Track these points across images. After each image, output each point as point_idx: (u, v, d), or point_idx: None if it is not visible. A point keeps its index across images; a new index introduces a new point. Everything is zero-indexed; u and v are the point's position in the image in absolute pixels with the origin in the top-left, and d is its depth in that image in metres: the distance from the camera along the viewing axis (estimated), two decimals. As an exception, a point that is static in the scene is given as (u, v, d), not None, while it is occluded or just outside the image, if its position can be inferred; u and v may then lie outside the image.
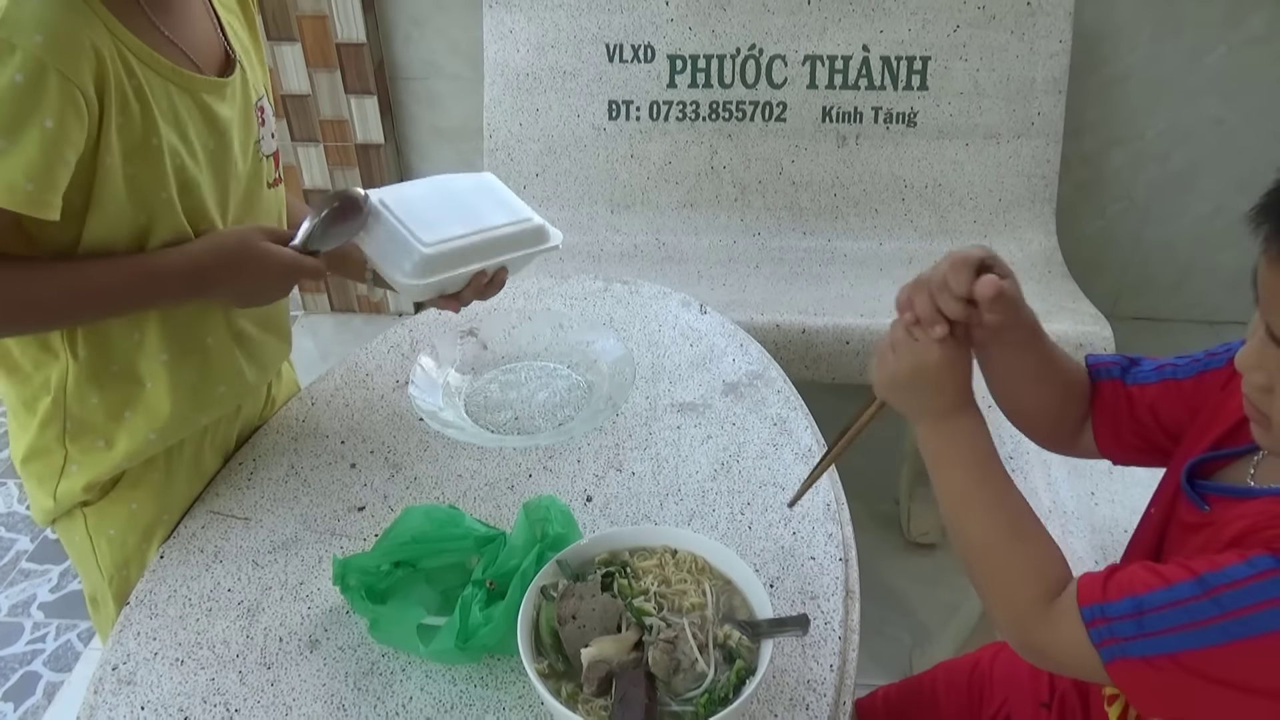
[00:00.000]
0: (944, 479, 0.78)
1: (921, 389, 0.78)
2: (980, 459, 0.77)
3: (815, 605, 0.94)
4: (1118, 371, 0.86)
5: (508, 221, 1.07)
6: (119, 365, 0.97)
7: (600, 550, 0.89)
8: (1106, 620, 0.66)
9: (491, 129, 2.09)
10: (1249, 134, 2.32)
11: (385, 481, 1.09)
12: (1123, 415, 0.86)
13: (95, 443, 0.98)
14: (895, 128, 2.00)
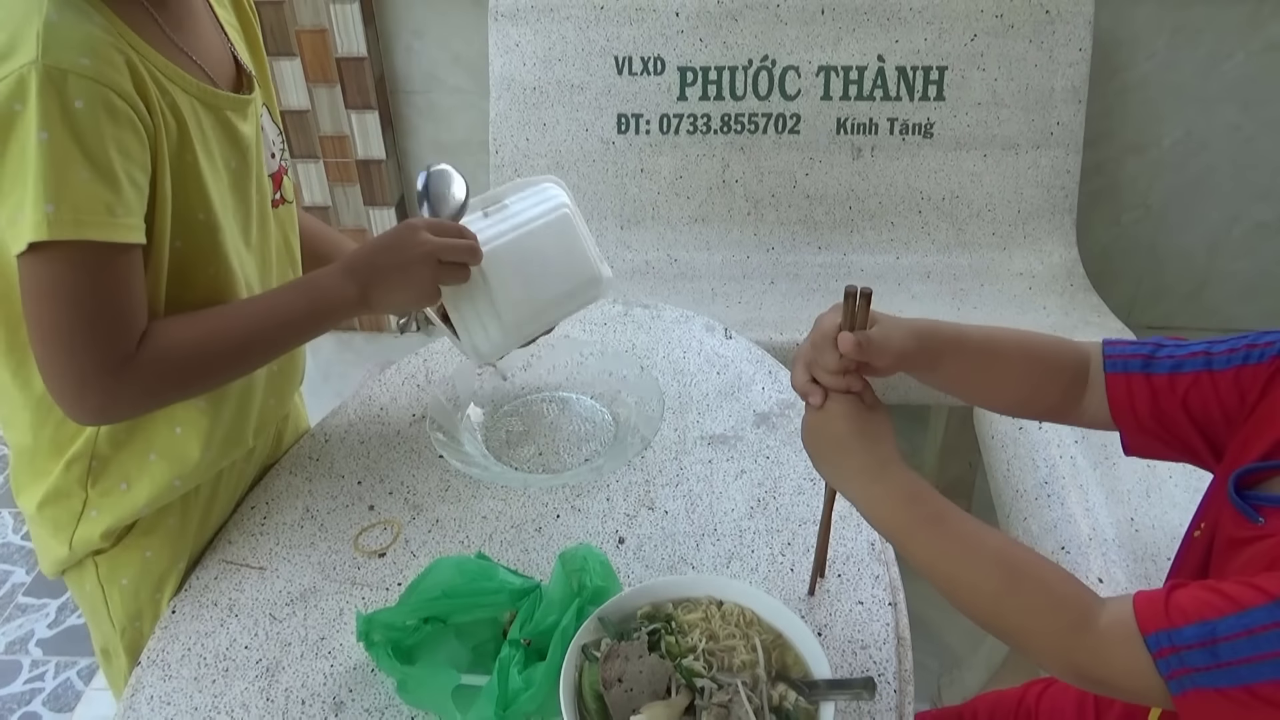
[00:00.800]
0: (909, 549, 0.74)
1: (836, 455, 0.79)
2: (933, 513, 0.73)
3: (866, 655, 0.89)
4: (1138, 365, 0.80)
5: (581, 280, 1.07)
6: (128, 432, 0.93)
7: (642, 603, 0.84)
8: (1175, 649, 0.61)
9: (498, 144, 2.04)
10: (1267, 141, 2.28)
11: (406, 525, 1.04)
12: (1145, 410, 0.80)
13: (117, 485, 0.93)
14: (911, 139, 1.96)
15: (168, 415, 0.93)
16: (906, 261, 1.98)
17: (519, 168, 2.03)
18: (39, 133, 0.73)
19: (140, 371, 0.82)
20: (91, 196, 0.75)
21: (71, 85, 0.74)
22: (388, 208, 2.40)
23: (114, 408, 0.85)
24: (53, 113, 0.73)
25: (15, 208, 0.75)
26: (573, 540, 1.01)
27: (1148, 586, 1.22)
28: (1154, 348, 0.81)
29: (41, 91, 0.73)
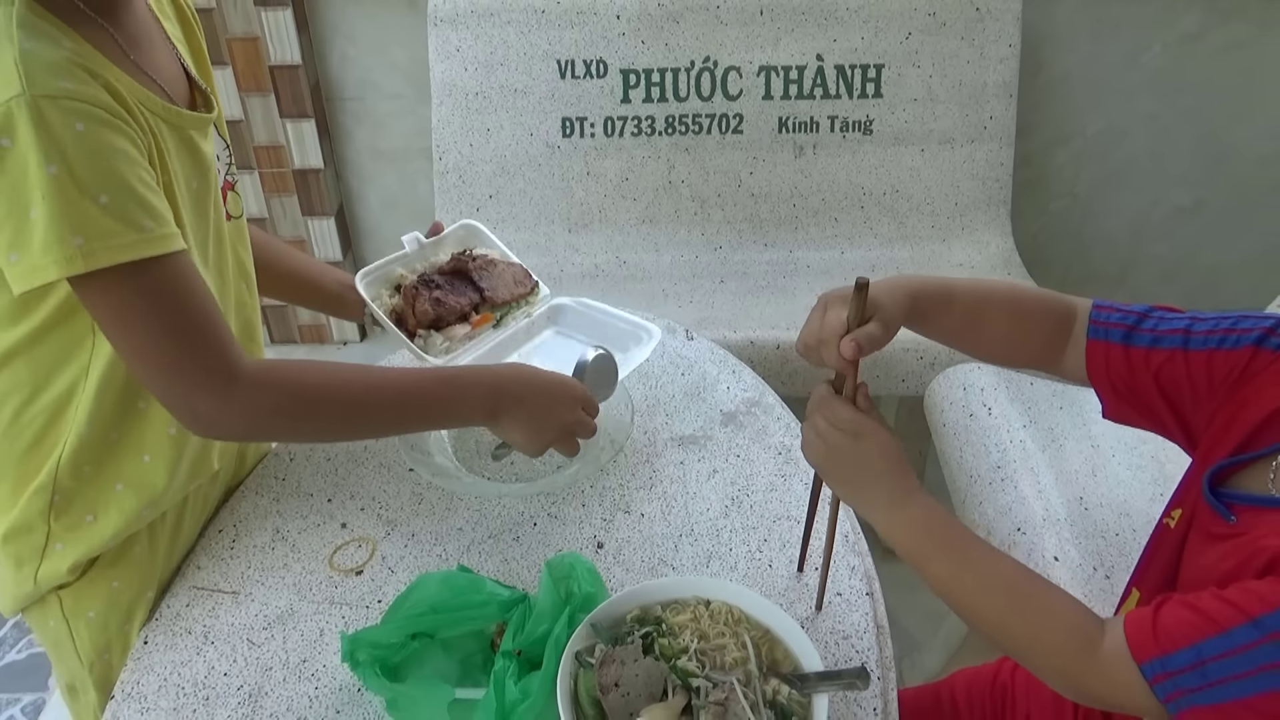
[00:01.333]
0: (926, 572, 0.78)
1: (860, 481, 0.81)
2: (951, 541, 0.78)
3: (849, 645, 0.91)
4: (1119, 335, 0.83)
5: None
6: (119, 435, 0.90)
7: (631, 607, 0.85)
8: (1169, 674, 0.65)
9: (441, 150, 2.02)
10: (1182, 129, 2.38)
11: (381, 541, 1.03)
12: (1120, 378, 0.83)
13: (83, 518, 0.90)
14: (852, 136, 2.00)
15: (137, 443, 0.91)
16: (851, 256, 2.02)
17: (464, 174, 2.02)
18: (45, 168, 0.70)
19: (252, 390, 0.83)
20: (119, 219, 0.74)
21: (66, 111, 0.71)
22: (326, 218, 2.36)
23: (224, 422, 0.84)
24: (54, 144, 0.70)
25: (10, 243, 0.72)
26: (552, 548, 1.01)
27: (1101, 564, 1.27)
28: (1139, 318, 0.82)
29: (36, 124, 0.70)
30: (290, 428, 0.92)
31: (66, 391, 0.86)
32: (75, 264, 0.72)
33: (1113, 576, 1.25)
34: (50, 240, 0.71)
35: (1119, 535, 1.33)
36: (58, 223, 0.71)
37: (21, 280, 0.74)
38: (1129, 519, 1.36)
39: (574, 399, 0.99)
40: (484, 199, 2.03)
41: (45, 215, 0.71)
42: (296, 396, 0.87)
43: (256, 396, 0.84)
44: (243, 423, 0.86)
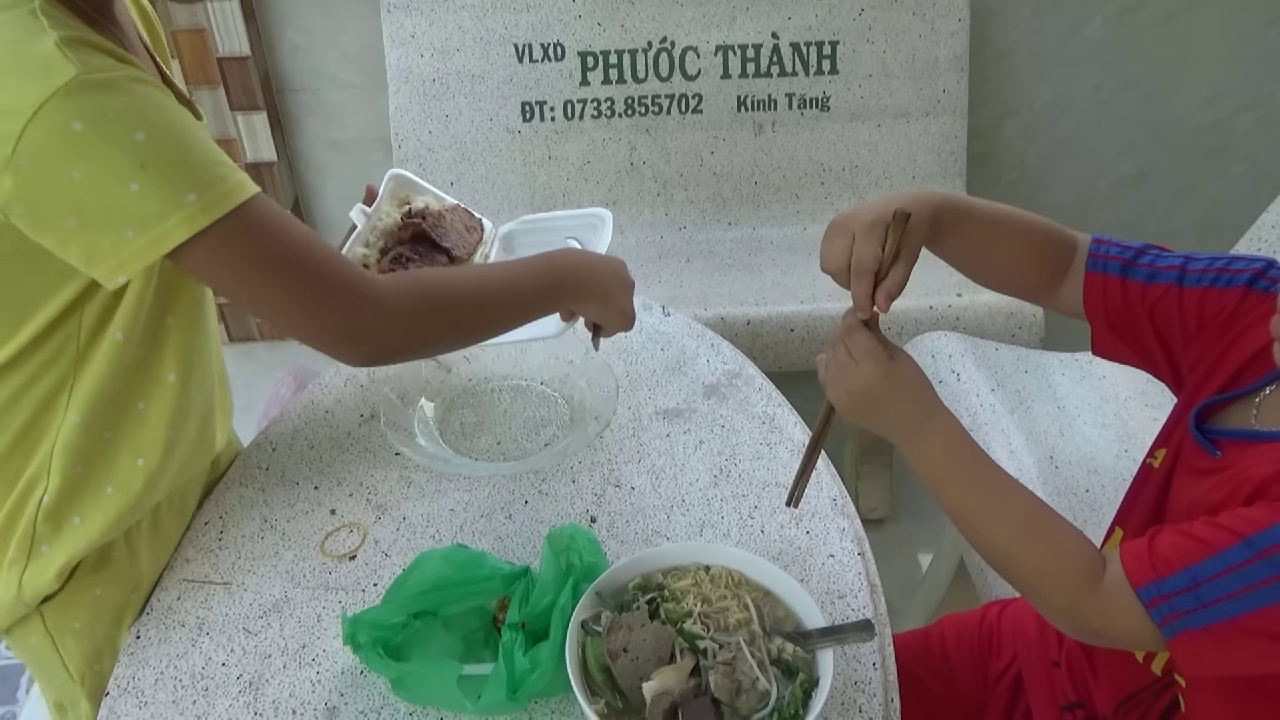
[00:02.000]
0: (942, 494, 0.80)
1: (879, 407, 0.81)
2: (968, 465, 0.79)
3: (844, 604, 0.93)
4: (1116, 268, 0.84)
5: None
6: (114, 434, 0.87)
7: (632, 575, 0.86)
8: (1164, 597, 0.67)
9: (400, 139, 2.00)
10: (1125, 100, 2.45)
11: (372, 525, 1.03)
12: (1115, 311, 0.85)
13: (70, 519, 0.88)
14: (810, 113, 2.02)
15: (131, 444, 0.88)
16: (813, 231, 2.04)
17: (424, 161, 2.00)
18: (133, 136, 0.69)
19: (394, 297, 0.82)
20: (214, 166, 0.73)
21: (127, 79, 0.70)
22: (283, 211, 2.32)
23: (388, 332, 0.83)
24: (131, 111, 0.69)
25: (120, 223, 0.70)
26: (546, 524, 1.02)
27: (1074, 519, 1.31)
28: (1136, 254, 0.84)
29: (107, 99, 0.68)
30: (436, 330, 0.88)
31: (55, 386, 0.83)
32: (199, 218, 0.71)
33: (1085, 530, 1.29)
34: (165, 203, 0.70)
35: (1089, 491, 1.38)
36: (167, 184, 0.70)
37: (140, 255, 0.71)
38: (1097, 475, 1.40)
39: (623, 266, 1.03)
40: (445, 186, 2.00)
41: (151, 181, 0.69)
42: (431, 296, 0.86)
43: (401, 301, 0.82)
44: (401, 328, 0.83)
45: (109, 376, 0.85)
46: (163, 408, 0.89)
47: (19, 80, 0.68)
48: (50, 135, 0.67)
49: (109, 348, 0.84)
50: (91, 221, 0.70)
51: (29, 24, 0.70)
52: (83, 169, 0.68)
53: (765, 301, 1.78)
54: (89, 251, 0.72)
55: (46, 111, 0.67)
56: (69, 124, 0.67)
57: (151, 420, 0.89)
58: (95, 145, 0.68)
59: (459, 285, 0.89)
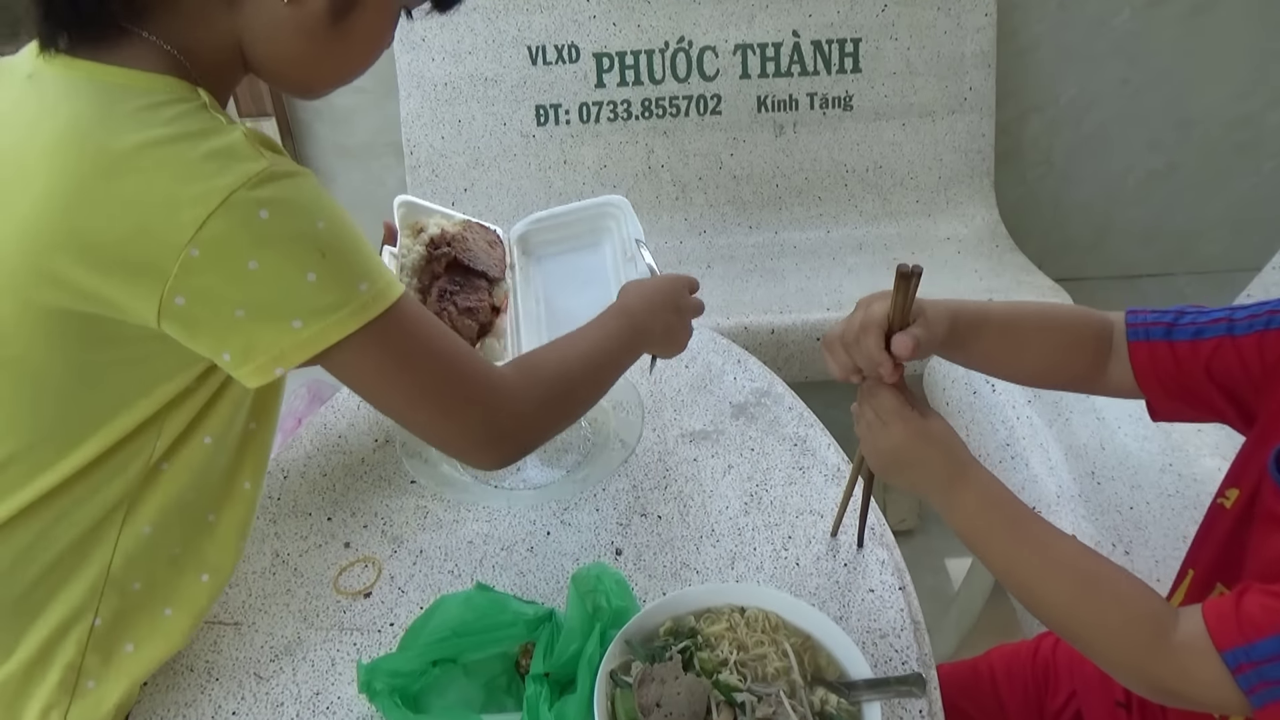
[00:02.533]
0: (985, 554, 0.76)
1: (910, 468, 0.79)
2: (1009, 520, 0.75)
3: (886, 644, 0.88)
4: (1160, 333, 0.82)
5: None
6: (181, 549, 0.81)
7: (662, 618, 0.81)
8: (1253, 664, 0.62)
9: (412, 145, 1.95)
10: (1153, 94, 2.38)
11: (388, 559, 0.98)
12: (1169, 376, 0.82)
13: (121, 647, 0.78)
14: (832, 112, 1.96)
15: (198, 561, 0.82)
16: (837, 235, 1.99)
17: (436, 168, 1.95)
18: (315, 224, 0.67)
19: (524, 389, 0.79)
20: (377, 260, 0.72)
21: (299, 173, 0.68)
22: (293, 218, 2.28)
23: (527, 429, 0.81)
24: (312, 201, 0.68)
25: (289, 313, 0.67)
26: (569, 558, 0.97)
27: (1119, 540, 1.26)
28: (1176, 315, 0.82)
29: (295, 188, 0.67)
30: (560, 418, 0.86)
31: (114, 503, 0.76)
32: (368, 310, 0.69)
33: (1132, 552, 1.24)
34: (339, 294, 0.68)
35: (1133, 509, 1.32)
36: (344, 273, 0.68)
37: (304, 347, 0.68)
38: (1141, 490, 1.35)
39: (684, 292, 0.99)
40: (458, 192, 1.97)
41: (329, 270, 0.67)
42: (552, 384, 0.83)
43: (529, 395, 0.80)
44: (534, 425, 0.81)
45: (188, 486, 0.79)
46: (235, 518, 0.84)
47: (210, 168, 0.64)
48: (235, 223, 0.64)
49: (192, 454, 0.78)
50: (259, 313, 0.67)
51: (207, 118, 0.67)
52: (262, 258, 0.65)
53: (789, 309, 1.73)
54: (247, 346, 0.68)
55: (237, 199, 0.64)
56: (257, 212, 0.64)
57: (221, 532, 0.83)
58: (280, 234, 0.66)
59: (570, 365, 0.85)
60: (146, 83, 0.68)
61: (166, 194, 0.64)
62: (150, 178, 0.64)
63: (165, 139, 0.65)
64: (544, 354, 0.85)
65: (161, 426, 0.75)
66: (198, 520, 0.82)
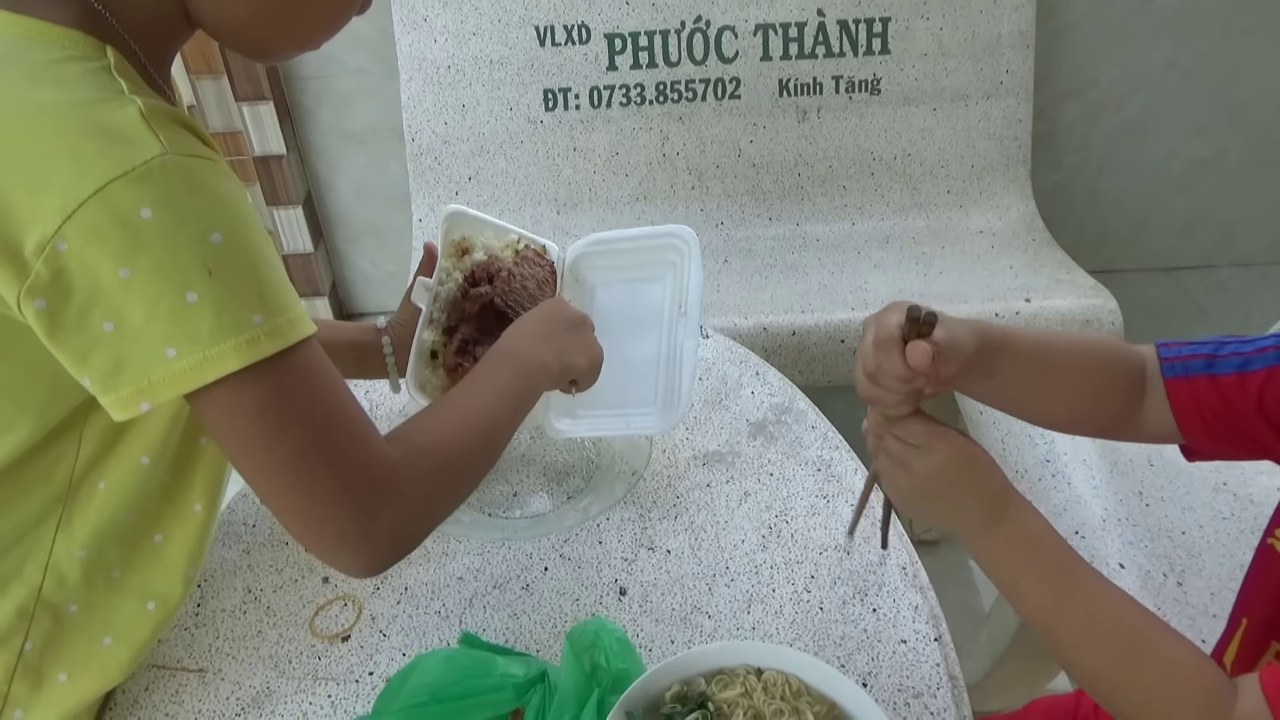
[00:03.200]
0: (1022, 602, 0.67)
1: (944, 497, 0.69)
2: (1055, 566, 0.65)
3: (920, 705, 0.78)
4: (1200, 366, 0.72)
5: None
6: (122, 573, 0.72)
7: (668, 681, 0.72)
8: None
9: (413, 131, 1.85)
10: (1201, 76, 2.25)
11: (369, 598, 0.89)
12: (1213, 414, 0.72)
13: (53, 676, 0.71)
14: (858, 96, 1.85)
15: (141, 587, 0.73)
16: (863, 228, 1.88)
17: (439, 155, 1.86)
18: (209, 237, 0.56)
19: (412, 478, 0.66)
20: (284, 289, 0.60)
21: (213, 172, 0.57)
22: (293, 207, 2.20)
23: (409, 528, 0.66)
24: (215, 208, 0.56)
25: (162, 338, 0.55)
26: (568, 598, 0.88)
27: (1171, 569, 1.15)
28: (1215, 346, 0.73)
29: (191, 188, 0.55)
30: (449, 503, 0.72)
31: (37, 518, 0.68)
32: (259, 346, 0.57)
33: (1185, 583, 1.13)
34: (226, 322, 0.56)
35: (1185, 534, 1.21)
36: (235, 298, 0.57)
37: (176, 381, 0.56)
38: (1193, 513, 1.24)
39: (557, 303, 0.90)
40: (463, 181, 1.87)
41: (216, 292, 0.56)
42: (440, 467, 0.70)
43: (415, 485, 0.66)
44: (421, 522, 0.68)
45: (126, 506, 0.70)
46: (184, 542, 0.75)
47: (89, 148, 0.54)
48: (107, 219, 0.53)
49: (128, 474, 0.70)
50: (128, 332, 0.56)
51: (105, 83, 0.57)
52: (135, 266, 0.54)
53: (811, 308, 1.62)
54: (113, 367, 0.57)
55: (114, 190, 0.53)
56: (137, 210, 0.54)
57: (170, 557, 0.74)
58: (160, 240, 0.54)
59: (461, 437, 0.72)
60: (49, 35, 0.58)
61: (37, 171, 0.54)
62: (23, 146, 0.54)
63: (49, 104, 0.55)
64: (428, 427, 0.71)
65: (81, 434, 0.67)
66: (142, 542, 0.73)
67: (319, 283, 2.33)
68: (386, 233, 2.34)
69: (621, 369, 0.94)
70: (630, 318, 0.99)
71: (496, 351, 0.82)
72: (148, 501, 0.71)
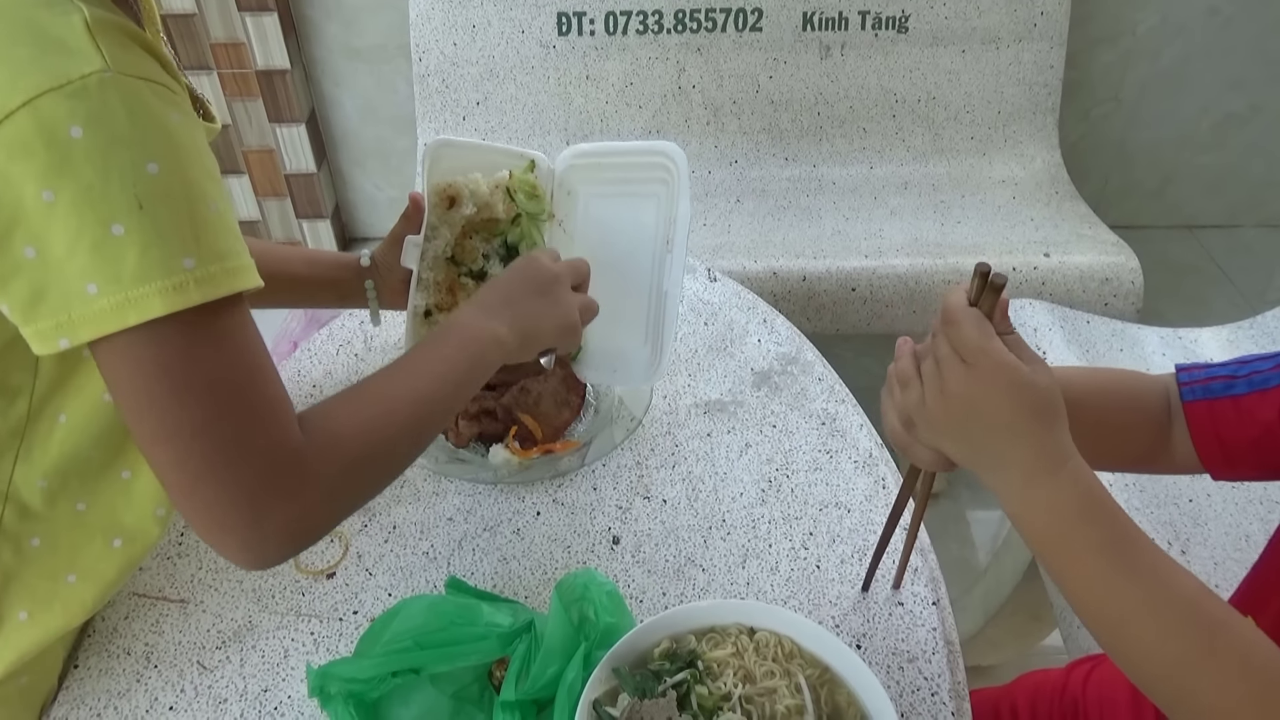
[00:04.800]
0: (1070, 575, 0.57)
1: (977, 440, 0.58)
2: (1115, 539, 0.55)
3: (915, 669, 0.77)
4: (1220, 388, 0.68)
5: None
6: (87, 507, 0.69)
7: (658, 638, 0.70)
8: None
9: (421, 51, 1.79)
10: (1245, 25, 2.16)
11: (356, 535, 0.87)
12: (1233, 436, 0.68)
13: (14, 614, 0.68)
14: (885, 34, 1.77)
15: (108, 523, 0.70)
16: (881, 172, 1.82)
17: (447, 78, 1.79)
18: (144, 165, 0.51)
19: (321, 469, 0.60)
20: (229, 233, 0.56)
21: (160, 97, 0.52)
22: (296, 124, 2.14)
23: (306, 524, 0.60)
24: (152, 134, 0.52)
25: (83, 272, 0.51)
26: (558, 544, 0.86)
27: (1176, 537, 1.13)
28: (1237, 366, 0.69)
29: (131, 111, 0.51)
30: (367, 491, 0.66)
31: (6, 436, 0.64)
32: (187, 293, 0.52)
33: (1189, 552, 1.11)
34: (153, 262, 0.52)
35: (1192, 501, 1.19)
36: (166, 237, 0.52)
37: (96, 321, 0.52)
38: (1201, 480, 1.21)
39: (538, 258, 0.81)
40: (470, 106, 1.81)
41: (144, 228, 0.51)
42: (357, 457, 0.63)
43: (324, 475, 0.60)
44: (326, 516, 0.62)
45: (90, 442, 0.67)
46: (152, 480, 0.71)
47: (21, 55, 0.50)
48: (34, 134, 0.49)
49: (92, 410, 0.66)
50: (50, 260, 0.51)
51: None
52: (60, 189, 0.50)
53: (824, 254, 1.57)
54: (32, 297, 0.53)
55: (45, 104, 0.49)
56: (68, 128, 0.49)
57: (139, 493, 0.71)
58: (90, 163, 0.50)
59: (390, 417, 0.65)
60: None
61: None
62: None
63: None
64: (346, 413, 0.64)
65: (36, 365, 0.63)
66: (107, 477, 0.70)
67: (321, 204, 2.28)
68: (392, 155, 2.29)
69: (611, 309, 0.89)
70: (620, 243, 0.93)
71: (444, 325, 0.75)
72: (113, 437, 0.68)
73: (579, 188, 0.94)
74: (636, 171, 0.92)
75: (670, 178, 0.90)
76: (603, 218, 0.93)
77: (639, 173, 0.92)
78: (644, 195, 0.91)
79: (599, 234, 0.93)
